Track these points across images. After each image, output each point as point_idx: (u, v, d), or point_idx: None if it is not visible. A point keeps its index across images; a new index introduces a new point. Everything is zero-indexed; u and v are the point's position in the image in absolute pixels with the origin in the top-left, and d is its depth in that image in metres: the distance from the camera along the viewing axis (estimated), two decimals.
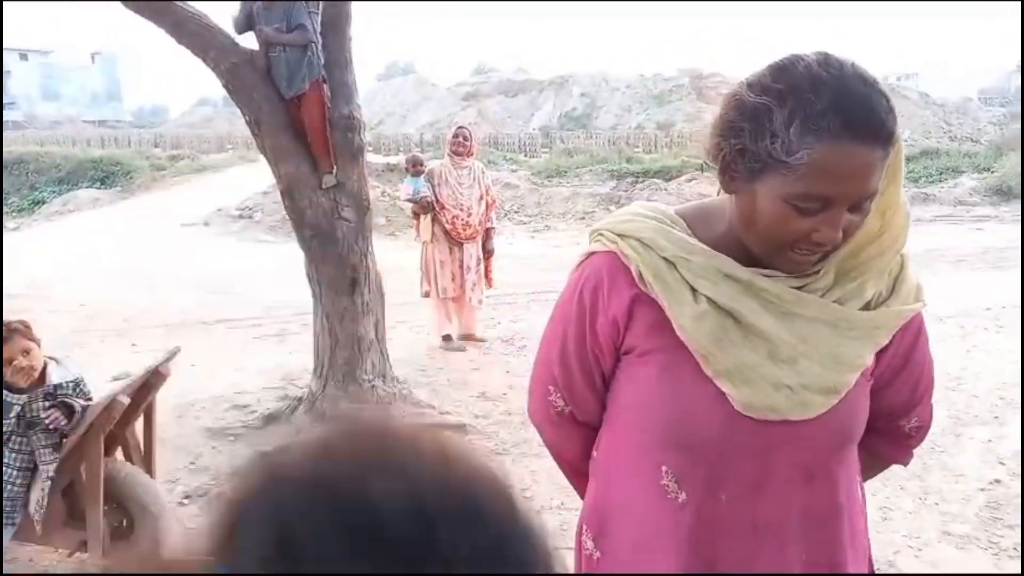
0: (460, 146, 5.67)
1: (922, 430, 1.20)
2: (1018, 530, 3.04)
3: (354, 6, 3.99)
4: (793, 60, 0.92)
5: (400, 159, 14.97)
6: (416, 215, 5.80)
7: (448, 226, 5.62)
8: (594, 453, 1.19)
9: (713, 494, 1.04)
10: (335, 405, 4.05)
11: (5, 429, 2.55)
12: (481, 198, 5.71)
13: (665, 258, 1.03)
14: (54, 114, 46.82)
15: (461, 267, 5.69)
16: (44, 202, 16.99)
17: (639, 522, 1.10)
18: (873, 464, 1.24)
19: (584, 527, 1.19)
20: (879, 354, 1.07)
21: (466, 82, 37.65)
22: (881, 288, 1.04)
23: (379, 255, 4.36)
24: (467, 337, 5.83)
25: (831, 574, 1.08)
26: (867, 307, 1.03)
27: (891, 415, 1.15)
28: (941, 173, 14.25)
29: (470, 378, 4.99)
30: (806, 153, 0.88)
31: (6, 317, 2.68)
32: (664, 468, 1.06)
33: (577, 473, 1.26)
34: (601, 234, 1.10)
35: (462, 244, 5.68)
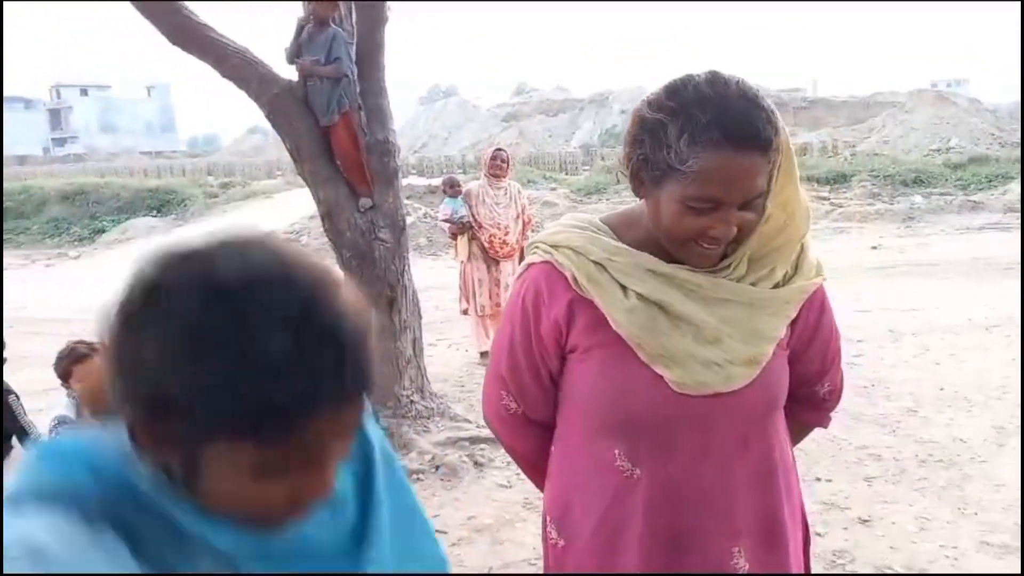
0: (498, 168, 5.83)
1: (835, 393, 1.34)
2: None
3: (391, 33, 4.16)
4: (685, 81, 1.05)
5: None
6: (454, 235, 5.95)
7: (486, 245, 5.75)
8: (552, 449, 1.29)
9: (662, 467, 1.16)
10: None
11: None
12: (518, 217, 5.84)
13: (595, 261, 1.14)
14: (112, 146, 48.81)
15: (498, 285, 5.81)
16: (104, 231, 17.81)
17: (599, 503, 1.20)
18: (796, 430, 1.35)
19: (548, 519, 1.29)
20: (791, 327, 1.20)
21: (507, 103, 38.11)
22: (788, 269, 1.17)
23: (421, 274, 4.49)
24: None
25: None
26: (776, 287, 1.16)
27: (807, 382, 1.29)
28: (990, 180, 14.00)
29: None
30: (695, 161, 1.01)
31: (75, 338, 2.87)
32: (617, 451, 1.17)
33: (534, 469, 1.35)
34: (537, 247, 1.21)
35: (499, 262, 5.81)
